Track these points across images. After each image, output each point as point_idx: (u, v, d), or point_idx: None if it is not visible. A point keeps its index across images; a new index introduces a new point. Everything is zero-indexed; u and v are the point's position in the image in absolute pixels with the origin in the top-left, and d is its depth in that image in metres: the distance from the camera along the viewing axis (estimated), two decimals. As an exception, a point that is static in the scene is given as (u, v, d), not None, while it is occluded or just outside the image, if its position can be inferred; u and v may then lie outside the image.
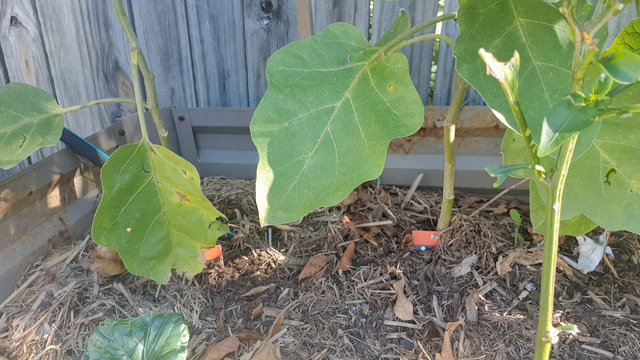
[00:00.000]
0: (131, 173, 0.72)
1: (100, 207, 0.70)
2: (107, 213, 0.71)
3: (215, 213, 0.75)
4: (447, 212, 0.84)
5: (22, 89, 0.71)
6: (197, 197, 0.73)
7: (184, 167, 0.71)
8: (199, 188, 0.72)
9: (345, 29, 0.62)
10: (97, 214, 0.70)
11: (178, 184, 0.73)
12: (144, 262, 0.76)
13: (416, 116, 0.60)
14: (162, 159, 0.71)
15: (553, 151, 0.35)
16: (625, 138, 0.57)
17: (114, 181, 0.71)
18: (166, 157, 0.71)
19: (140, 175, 0.73)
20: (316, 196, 0.60)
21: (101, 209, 0.70)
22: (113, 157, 0.70)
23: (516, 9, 0.53)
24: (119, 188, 0.71)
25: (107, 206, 0.71)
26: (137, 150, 0.71)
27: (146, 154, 0.72)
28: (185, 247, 0.79)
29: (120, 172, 0.71)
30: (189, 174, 0.71)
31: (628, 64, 0.32)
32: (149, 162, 0.72)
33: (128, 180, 0.72)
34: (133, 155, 0.71)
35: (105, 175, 0.70)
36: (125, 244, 0.74)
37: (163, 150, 0.71)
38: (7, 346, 0.73)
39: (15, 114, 0.70)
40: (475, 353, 0.66)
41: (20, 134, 0.69)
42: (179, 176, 0.72)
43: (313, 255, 0.90)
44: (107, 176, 0.70)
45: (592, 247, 0.79)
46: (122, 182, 0.71)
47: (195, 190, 0.72)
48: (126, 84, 1.35)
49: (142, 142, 0.71)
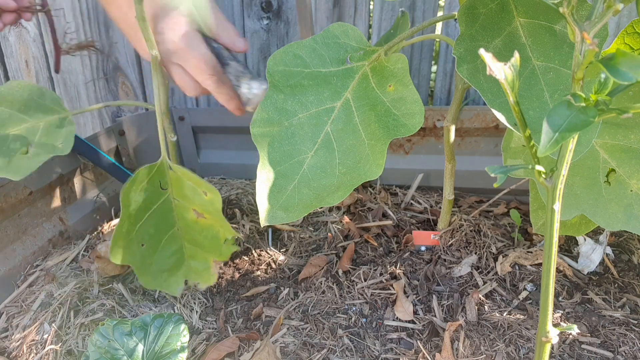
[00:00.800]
0: (149, 192, 0.71)
1: (118, 226, 0.69)
2: (123, 231, 0.71)
3: (232, 232, 0.75)
4: (447, 212, 0.84)
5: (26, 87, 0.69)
6: (215, 217, 0.73)
7: (205, 188, 0.70)
8: (220, 209, 0.71)
9: (345, 29, 0.61)
10: (115, 234, 0.69)
11: (196, 202, 0.73)
12: (157, 275, 0.75)
13: (416, 116, 0.60)
14: (181, 178, 0.71)
15: (553, 151, 0.35)
16: (626, 138, 0.57)
17: (131, 201, 0.70)
18: (185, 177, 0.71)
19: (157, 193, 0.72)
20: (316, 196, 0.60)
21: (119, 228, 0.69)
22: (133, 178, 0.69)
23: (516, 9, 0.53)
24: (136, 206, 0.71)
25: (123, 224, 0.70)
26: (156, 169, 0.70)
27: (165, 172, 0.71)
28: (198, 260, 0.79)
29: (138, 192, 0.70)
30: (210, 195, 0.70)
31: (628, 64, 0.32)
32: (167, 179, 0.72)
33: (145, 198, 0.71)
34: (152, 175, 0.70)
35: (124, 195, 0.69)
36: (139, 259, 0.73)
37: (182, 170, 0.71)
38: (7, 346, 0.73)
39: (18, 115, 0.68)
40: (475, 353, 0.66)
41: (24, 137, 0.67)
42: (199, 196, 0.71)
43: (313, 255, 0.90)
44: (125, 196, 0.69)
45: (592, 247, 0.79)
46: (139, 201, 0.71)
47: (215, 211, 0.72)
48: (126, 84, 1.35)
49: (162, 160, 0.70)
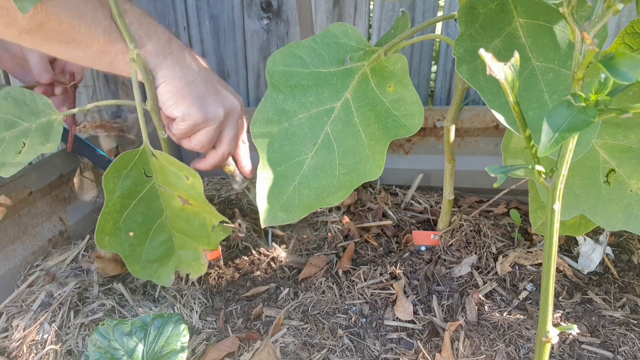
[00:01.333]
0: (133, 178, 0.71)
1: (103, 212, 0.70)
2: (109, 218, 0.71)
3: (218, 217, 0.75)
4: (447, 212, 0.84)
5: (18, 93, 0.70)
6: (200, 202, 0.73)
7: (187, 173, 0.71)
8: (202, 193, 0.72)
9: (345, 29, 0.61)
10: (100, 220, 0.70)
11: (180, 188, 0.73)
12: (146, 265, 0.76)
13: (416, 117, 0.60)
14: (164, 164, 0.71)
15: (553, 151, 0.35)
16: (626, 138, 0.57)
17: (116, 186, 0.70)
18: (168, 163, 0.71)
19: (142, 180, 0.72)
20: (316, 197, 0.60)
21: (103, 215, 0.70)
22: (115, 163, 0.69)
23: (516, 9, 0.53)
24: (121, 193, 0.71)
25: (109, 211, 0.71)
26: (138, 156, 0.71)
27: (148, 159, 0.71)
28: (187, 250, 0.79)
29: (122, 178, 0.70)
30: (191, 179, 0.71)
31: (628, 64, 0.32)
32: (151, 167, 0.72)
33: (130, 185, 0.71)
34: (134, 161, 0.71)
35: (107, 180, 0.69)
36: (128, 247, 0.74)
37: (164, 156, 0.71)
38: (7, 346, 0.73)
39: (12, 119, 0.69)
40: (475, 353, 0.66)
41: (19, 139, 0.69)
42: (181, 181, 0.72)
43: (313, 255, 0.90)
44: (108, 182, 0.70)
45: (592, 247, 0.79)
46: (124, 188, 0.71)
47: (197, 195, 0.72)
48: (126, 84, 1.35)
49: (144, 147, 0.71)
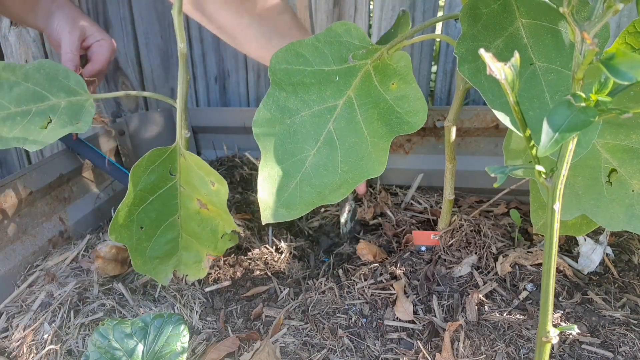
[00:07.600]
0: (157, 174, 0.71)
1: (123, 203, 0.70)
2: (126, 210, 0.71)
3: (233, 226, 0.75)
4: (447, 212, 0.84)
5: (52, 67, 0.69)
6: (219, 209, 0.73)
7: (214, 179, 0.70)
8: (225, 201, 0.71)
9: (347, 28, 0.61)
10: (118, 210, 0.70)
11: (201, 192, 0.73)
12: (148, 261, 0.76)
13: (419, 113, 0.60)
14: (191, 165, 0.71)
15: (553, 151, 0.35)
16: (627, 138, 0.57)
17: (140, 180, 0.70)
18: (196, 165, 0.71)
19: (165, 178, 0.72)
20: (318, 194, 0.60)
21: (123, 206, 0.70)
22: (146, 157, 0.69)
23: (518, 10, 0.53)
24: (143, 187, 0.71)
25: (128, 203, 0.70)
26: (168, 154, 0.70)
27: (176, 157, 0.71)
28: (190, 252, 0.78)
29: (148, 172, 0.70)
30: (217, 186, 0.70)
31: (628, 64, 0.32)
32: (177, 165, 0.72)
33: (153, 180, 0.71)
34: (163, 158, 0.70)
35: (134, 173, 0.69)
36: (136, 241, 0.74)
37: (194, 158, 0.70)
38: (7, 346, 0.73)
39: (42, 92, 0.67)
40: (476, 353, 0.66)
41: (46, 114, 0.67)
42: (205, 185, 0.71)
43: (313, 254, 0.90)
44: (135, 174, 0.69)
45: (593, 247, 0.79)
46: (147, 182, 0.71)
47: (219, 202, 0.72)
48: (126, 83, 1.35)
49: (176, 145, 0.70)
